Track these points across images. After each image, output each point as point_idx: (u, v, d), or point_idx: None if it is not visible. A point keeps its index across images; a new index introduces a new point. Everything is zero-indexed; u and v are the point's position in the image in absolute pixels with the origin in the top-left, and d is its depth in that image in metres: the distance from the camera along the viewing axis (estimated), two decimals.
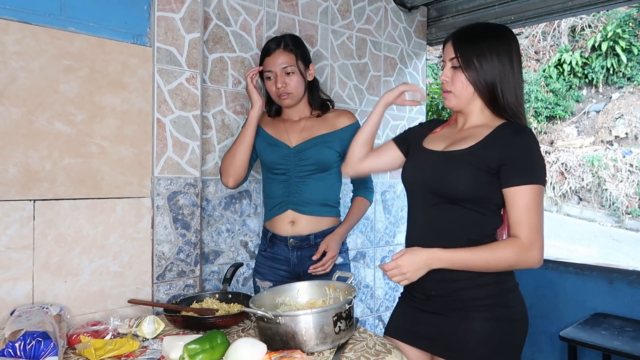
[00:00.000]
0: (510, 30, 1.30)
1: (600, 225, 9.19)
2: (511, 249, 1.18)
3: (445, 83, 1.29)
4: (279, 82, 1.69)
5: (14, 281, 1.36)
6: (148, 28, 1.60)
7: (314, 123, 1.78)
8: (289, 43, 1.72)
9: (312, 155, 1.71)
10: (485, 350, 1.22)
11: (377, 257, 2.61)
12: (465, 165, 1.23)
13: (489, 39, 1.24)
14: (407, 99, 1.50)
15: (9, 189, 1.34)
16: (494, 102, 1.25)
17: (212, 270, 1.93)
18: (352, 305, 1.25)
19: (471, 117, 1.31)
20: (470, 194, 1.22)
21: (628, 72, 10.39)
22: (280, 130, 1.79)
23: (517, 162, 1.18)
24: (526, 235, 1.17)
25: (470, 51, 1.23)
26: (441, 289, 1.26)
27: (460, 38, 1.26)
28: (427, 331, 1.30)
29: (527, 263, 1.18)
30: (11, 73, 1.34)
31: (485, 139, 1.24)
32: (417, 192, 1.35)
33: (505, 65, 1.23)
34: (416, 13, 2.74)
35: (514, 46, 1.26)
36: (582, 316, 2.41)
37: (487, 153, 1.21)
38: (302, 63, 1.74)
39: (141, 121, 1.58)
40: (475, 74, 1.23)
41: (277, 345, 1.19)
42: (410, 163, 1.40)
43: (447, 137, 1.36)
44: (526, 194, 1.17)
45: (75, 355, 1.20)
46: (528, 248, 1.17)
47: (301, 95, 1.76)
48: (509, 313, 1.25)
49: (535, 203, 1.17)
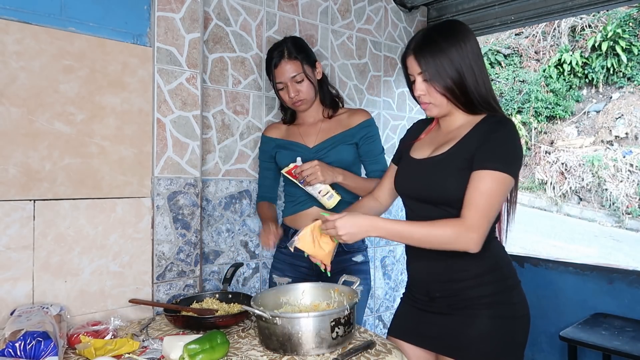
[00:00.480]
0: (461, 23, 1.28)
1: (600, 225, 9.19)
2: (451, 228, 1.16)
3: (423, 96, 1.28)
4: (292, 92, 1.70)
5: (14, 281, 1.36)
6: (148, 28, 1.60)
7: (329, 125, 1.79)
8: (292, 50, 1.70)
9: (331, 154, 1.72)
10: (491, 347, 1.23)
11: (377, 257, 2.62)
12: (448, 167, 1.23)
13: (446, 42, 1.21)
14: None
15: (9, 189, 1.34)
16: (468, 101, 1.25)
17: (212, 270, 1.93)
18: (352, 312, 1.24)
19: (454, 119, 1.31)
20: (455, 195, 1.21)
21: (628, 72, 10.40)
22: (296, 135, 1.81)
23: (488, 148, 1.18)
24: (471, 216, 1.15)
25: (434, 64, 1.21)
26: (445, 290, 1.27)
27: (420, 51, 1.24)
28: (431, 331, 1.30)
29: (464, 245, 1.16)
30: (11, 73, 1.34)
31: (465, 137, 1.25)
32: (411, 200, 1.36)
33: (468, 61, 1.22)
34: (416, 13, 2.74)
35: (470, 38, 1.24)
36: (582, 316, 2.41)
37: (465, 150, 1.22)
38: (309, 66, 1.73)
39: (141, 121, 1.58)
40: (445, 82, 1.22)
41: (274, 345, 1.19)
42: (400, 174, 1.41)
43: (432, 142, 1.36)
44: (488, 179, 1.15)
45: (75, 355, 1.20)
46: (469, 229, 1.15)
47: (314, 97, 1.77)
48: (513, 310, 1.26)
49: (495, 190, 1.15)
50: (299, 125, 1.83)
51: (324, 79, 1.82)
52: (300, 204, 1.77)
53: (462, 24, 1.27)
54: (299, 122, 1.84)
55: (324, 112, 1.81)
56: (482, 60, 1.26)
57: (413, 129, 1.50)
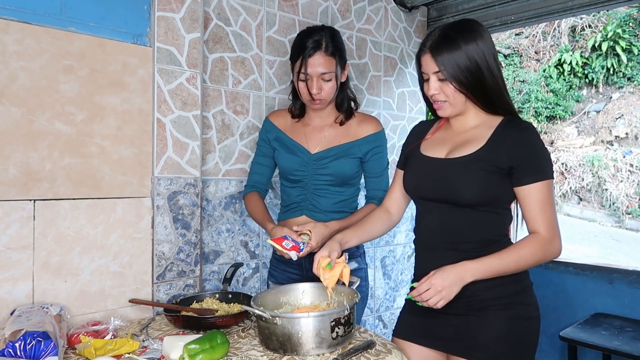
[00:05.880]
0: (477, 22, 1.28)
1: (601, 225, 9.19)
2: (535, 246, 1.20)
3: (437, 95, 1.27)
4: (315, 88, 1.56)
5: (14, 281, 1.36)
6: (148, 28, 1.60)
7: (336, 132, 1.68)
8: (329, 45, 1.56)
9: (331, 165, 1.64)
10: (508, 348, 1.23)
11: (377, 256, 2.61)
12: (474, 170, 1.23)
13: (464, 40, 1.21)
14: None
15: (9, 189, 1.34)
16: (486, 99, 1.25)
17: (212, 270, 1.93)
18: (352, 312, 1.23)
19: (468, 119, 1.31)
20: (483, 198, 1.23)
21: (628, 72, 10.39)
22: (300, 135, 1.70)
23: (527, 161, 1.20)
24: (545, 229, 1.20)
25: (452, 61, 1.21)
26: (462, 291, 1.24)
27: (437, 50, 1.22)
28: (445, 332, 1.29)
29: (551, 255, 1.22)
30: (11, 73, 1.34)
31: (490, 140, 1.24)
32: (426, 202, 1.34)
33: (485, 59, 1.22)
34: (416, 13, 2.74)
35: (486, 37, 1.24)
36: (582, 316, 2.41)
37: (495, 155, 1.22)
38: (340, 67, 1.60)
39: (141, 121, 1.58)
40: (463, 81, 1.22)
41: (274, 345, 1.19)
42: (412, 172, 1.38)
43: (446, 141, 1.34)
44: (539, 190, 1.20)
45: (75, 355, 1.20)
46: (550, 241, 1.20)
47: (332, 99, 1.65)
48: (528, 310, 1.27)
49: (548, 197, 1.20)
50: (306, 124, 1.72)
51: (346, 82, 1.69)
52: (291, 211, 1.71)
53: (478, 23, 1.27)
54: (306, 121, 1.73)
55: (337, 118, 1.70)
56: (498, 59, 1.26)
57: (416, 131, 1.48)
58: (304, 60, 1.55)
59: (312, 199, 1.67)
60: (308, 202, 1.68)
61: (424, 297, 1.20)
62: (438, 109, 1.30)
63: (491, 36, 1.27)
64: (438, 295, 1.18)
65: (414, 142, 1.44)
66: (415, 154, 1.39)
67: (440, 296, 1.18)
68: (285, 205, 1.75)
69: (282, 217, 1.76)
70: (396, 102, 2.67)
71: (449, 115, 1.30)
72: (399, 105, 2.69)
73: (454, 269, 1.20)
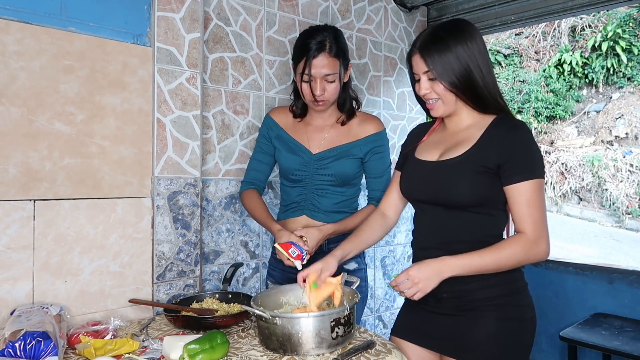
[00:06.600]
0: (467, 21, 1.28)
1: (600, 225, 9.19)
2: (518, 246, 1.18)
3: (428, 94, 1.27)
4: (318, 89, 1.56)
5: (14, 281, 1.36)
6: (148, 28, 1.60)
7: (337, 131, 1.68)
8: (334, 47, 1.55)
9: (332, 165, 1.63)
10: (498, 349, 1.23)
11: (377, 256, 2.62)
12: (464, 172, 1.23)
13: (453, 39, 1.21)
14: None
15: (9, 189, 1.34)
16: (476, 98, 1.25)
17: (212, 270, 1.93)
18: (352, 312, 1.23)
19: (462, 119, 1.31)
20: (474, 200, 1.22)
21: (628, 72, 10.40)
22: (302, 135, 1.70)
23: (515, 159, 1.19)
24: (531, 229, 1.18)
25: (441, 61, 1.21)
26: (452, 292, 1.26)
27: (427, 50, 1.23)
28: (437, 332, 1.30)
29: (535, 257, 1.19)
30: (11, 73, 1.34)
31: (480, 140, 1.24)
32: (420, 203, 1.35)
33: (475, 58, 1.22)
34: (416, 13, 2.74)
35: (477, 36, 1.24)
36: (582, 316, 2.41)
37: (484, 155, 1.22)
38: (343, 68, 1.61)
39: (141, 121, 1.58)
40: (453, 80, 1.22)
41: (274, 345, 1.19)
42: (406, 176, 1.39)
43: (440, 143, 1.35)
44: (527, 189, 1.18)
45: (75, 355, 1.20)
46: (535, 242, 1.18)
47: (335, 100, 1.65)
48: (520, 312, 1.26)
49: (537, 197, 1.18)
50: (307, 124, 1.72)
51: (348, 82, 1.70)
52: (291, 211, 1.70)
53: (468, 23, 1.27)
54: (307, 120, 1.72)
55: (338, 118, 1.70)
56: (489, 58, 1.26)
57: (414, 133, 1.49)
58: (308, 62, 1.54)
59: (313, 199, 1.67)
60: (308, 202, 1.68)
61: (402, 288, 1.21)
62: (431, 108, 1.30)
63: (482, 35, 1.27)
64: (415, 287, 1.19)
65: (410, 144, 1.45)
66: (410, 157, 1.41)
67: (417, 288, 1.19)
68: (285, 205, 1.75)
69: (281, 216, 1.76)
70: (396, 102, 2.67)
71: (442, 114, 1.30)
72: (399, 105, 2.69)
73: (433, 263, 1.20)
